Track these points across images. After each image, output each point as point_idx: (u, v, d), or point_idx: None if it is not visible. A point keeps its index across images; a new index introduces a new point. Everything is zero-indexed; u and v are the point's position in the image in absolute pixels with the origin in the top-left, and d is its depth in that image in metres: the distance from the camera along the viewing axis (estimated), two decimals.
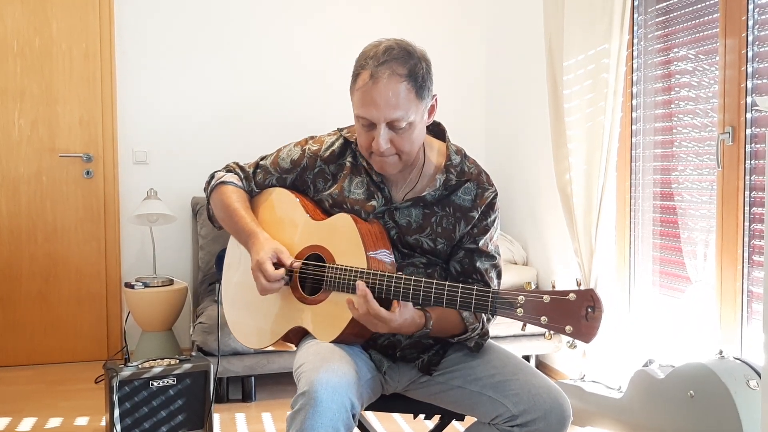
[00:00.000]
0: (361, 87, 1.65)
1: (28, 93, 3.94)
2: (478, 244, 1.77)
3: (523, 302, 1.40)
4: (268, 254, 1.73)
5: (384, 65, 1.63)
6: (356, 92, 1.67)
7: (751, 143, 2.55)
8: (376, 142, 1.66)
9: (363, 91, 1.65)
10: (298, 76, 4.28)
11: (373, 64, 1.64)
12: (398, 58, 1.64)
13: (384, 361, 1.77)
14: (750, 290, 2.56)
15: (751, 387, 2.10)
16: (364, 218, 1.77)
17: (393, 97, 1.62)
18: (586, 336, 1.35)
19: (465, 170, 1.79)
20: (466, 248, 1.78)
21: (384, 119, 1.64)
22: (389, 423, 3.12)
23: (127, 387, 2.76)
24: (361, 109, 1.66)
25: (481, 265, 1.78)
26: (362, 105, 1.66)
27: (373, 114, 1.64)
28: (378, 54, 1.65)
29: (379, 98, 1.62)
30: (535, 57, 3.80)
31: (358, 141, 1.76)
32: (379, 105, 1.63)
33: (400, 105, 1.63)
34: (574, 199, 3.21)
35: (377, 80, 1.62)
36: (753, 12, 2.52)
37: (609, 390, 2.76)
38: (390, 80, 1.62)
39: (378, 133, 1.65)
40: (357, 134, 1.75)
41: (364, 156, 1.78)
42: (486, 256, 1.78)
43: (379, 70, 1.62)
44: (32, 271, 4.01)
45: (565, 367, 3.66)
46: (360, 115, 1.67)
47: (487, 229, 1.78)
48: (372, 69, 1.63)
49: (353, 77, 1.69)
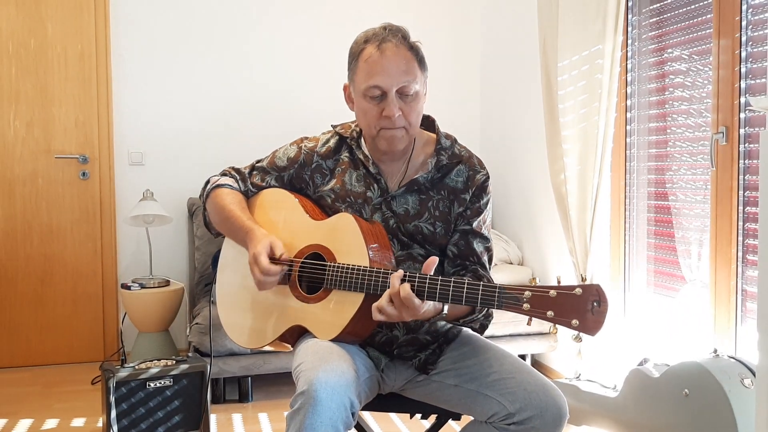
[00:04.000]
0: (368, 59, 1.71)
1: (24, 94, 3.94)
2: (472, 225, 1.81)
3: (529, 297, 1.42)
4: (265, 247, 1.74)
5: (387, 38, 1.72)
6: (362, 66, 1.72)
7: (744, 143, 2.56)
8: (389, 109, 1.71)
9: (371, 62, 1.71)
10: (294, 78, 4.29)
11: (375, 38, 1.72)
12: (398, 33, 1.74)
13: (382, 359, 1.78)
14: (744, 289, 2.58)
15: (746, 385, 2.11)
16: (366, 215, 1.79)
17: (403, 63, 1.71)
18: (592, 329, 1.38)
19: (456, 153, 1.84)
20: (460, 230, 1.81)
21: (396, 84, 1.70)
22: (386, 423, 3.12)
23: (124, 388, 2.76)
24: (372, 79, 1.71)
25: (477, 247, 1.81)
26: (372, 75, 1.71)
27: (385, 81, 1.70)
28: (377, 32, 1.74)
29: (389, 65, 1.70)
30: (529, 58, 3.81)
31: (364, 119, 1.77)
32: (389, 71, 1.70)
33: (408, 70, 1.71)
34: (569, 198, 3.22)
35: (384, 50, 1.70)
36: (746, 13, 2.54)
37: (604, 389, 2.77)
38: (397, 49, 1.71)
39: (389, 100, 1.71)
40: (362, 113, 1.77)
41: (369, 137, 1.79)
42: (481, 237, 1.82)
43: (385, 41, 1.71)
44: (28, 273, 4.00)
45: (561, 366, 3.67)
46: (371, 85, 1.71)
47: (480, 211, 1.82)
48: (377, 42, 1.71)
49: (354, 57, 1.75)
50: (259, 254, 1.72)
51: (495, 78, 4.42)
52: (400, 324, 1.77)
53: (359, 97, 1.75)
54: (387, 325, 1.76)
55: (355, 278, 1.65)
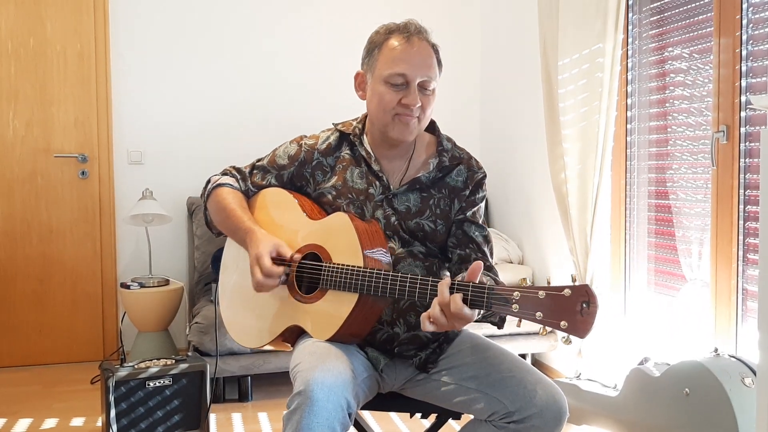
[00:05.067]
0: (396, 47, 1.75)
1: (23, 94, 3.93)
2: (466, 215, 1.85)
3: (518, 298, 1.40)
4: (268, 248, 1.73)
5: (413, 33, 1.77)
6: (386, 53, 1.76)
7: (745, 142, 2.56)
8: (410, 98, 1.74)
9: (399, 50, 1.75)
10: (294, 78, 4.28)
11: (401, 31, 1.77)
12: (421, 31, 1.79)
13: (381, 359, 1.77)
14: (745, 288, 2.57)
15: (746, 384, 2.11)
16: (368, 212, 1.80)
17: (428, 58, 1.77)
18: (581, 331, 1.35)
19: (456, 155, 1.88)
20: (456, 220, 1.85)
21: (420, 76, 1.74)
22: (385, 422, 3.12)
23: (123, 387, 2.76)
24: (398, 67, 1.74)
25: (474, 235, 1.84)
26: (398, 63, 1.74)
27: (411, 70, 1.74)
28: (402, 26, 1.79)
29: (416, 56, 1.75)
30: (529, 57, 3.80)
31: (380, 104, 1.77)
32: (416, 62, 1.74)
33: (432, 66, 1.77)
34: (570, 198, 3.22)
35: (412, 43, 1.76)
36: (747, 11, 2.53)
37: (605, 388, 2.77)
38: (423, 44, 1.77)
39: (411, 89, 1.74)
40: (379, 98, 1.77)
41: (382, 123, 1.79)
42: (476, 225, 1.86)
43: (412, 35, 1.76)
44: (27, 272, 4.00)
45: (561, 365, 3.67)
46: (396, 72, 1.74)
47: (475, 203, 1.87)
48: (404, 34, 1.76)
49: (376, 45, 1.79)
50: (262, 255, 1.71)
51: (495, 76, 4.41)
52: (401, 321, 1.76)
53: (378, 83, 1.77)
54: (388, 322, 1.76)
55: (349, 278, 1.65)
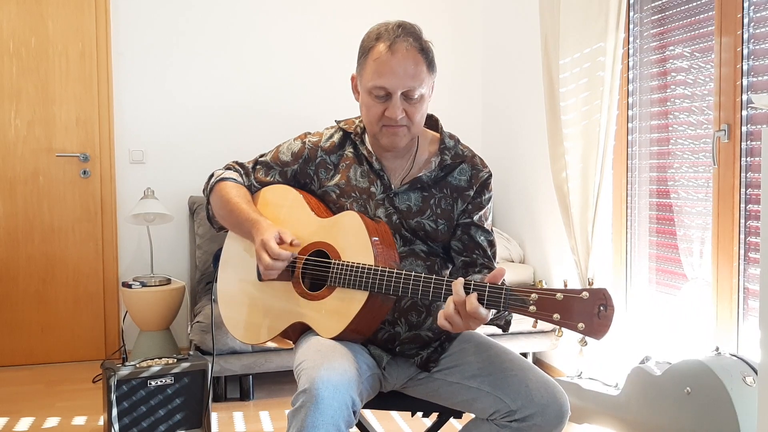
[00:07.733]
0: (378, 58, 1.70)
1: (25, 93, 3.94)
2: (473, 219, 1.82)
3: (536, 300, 1.42)
4: (273, 234, 1.72)
5: (400, 38, 1.70)
6: (370, 64, 1.72)
7: (746, 140, 2.56)
8: (392, 110, 1.71)
9: (380, 62, 1.70)
10: (294, 77, 4.28)
11: (387, 37, 1.71)
12: (411, 33, 1.72)
13: (384, 357, 1.77)
14: (746, 287, 2.57)
15: (748, 383, 2.11)
16: (371, 210, 1.79)
17: (411, 67, 1.70)
18: (598, 333, 1.39)
19: (459, 153, 1.85)
20: (462, 223, 1.82)
21: (402, 88, 1.70)
22: (387, 421, 3.12)
23: (125, 386, 2.76)
24: (379, 80, 1.70)
25: (480, 240, 1.82)
26: (380, 75, 1.70)
27: (392, 83, 1.69)
28: (390, 29, 1.72)
29: (398, 67, 1.69)
30: (531, 55, 3.80)
31: (367, 115, 1.77)
32: (398, 74, 1.69)
33: (416, 75, 1.70)
34: (571, 196, 3.22)
35: (395, 51, 1.69)
36: (748, 10, 2.53)
37: (606, 387, 2.77)
38: (408, 51, 1.70)
39: (394, 102, 1.71)
40: (366, 108, 1.76)
41: (371, 132, 1.79)
42: (483, 230, 1.83)
43: (396, 41, 1.70)
44: (29, 271, 4.01)
45: (563, 364, 3.67)
46: (377, 85, 1.71)
47: (482, 206, 1.84)
48: (389, 41, 1.70)
49: (364, 52, 1.74)
50: (268, 240, 1.71)
51: (497, 75, 4.41)
52: (403, 320, 1.77)
53: (365, 93, 1.76)
54: (389, 321, 1.76)
55: (360, 276, 1.65)
